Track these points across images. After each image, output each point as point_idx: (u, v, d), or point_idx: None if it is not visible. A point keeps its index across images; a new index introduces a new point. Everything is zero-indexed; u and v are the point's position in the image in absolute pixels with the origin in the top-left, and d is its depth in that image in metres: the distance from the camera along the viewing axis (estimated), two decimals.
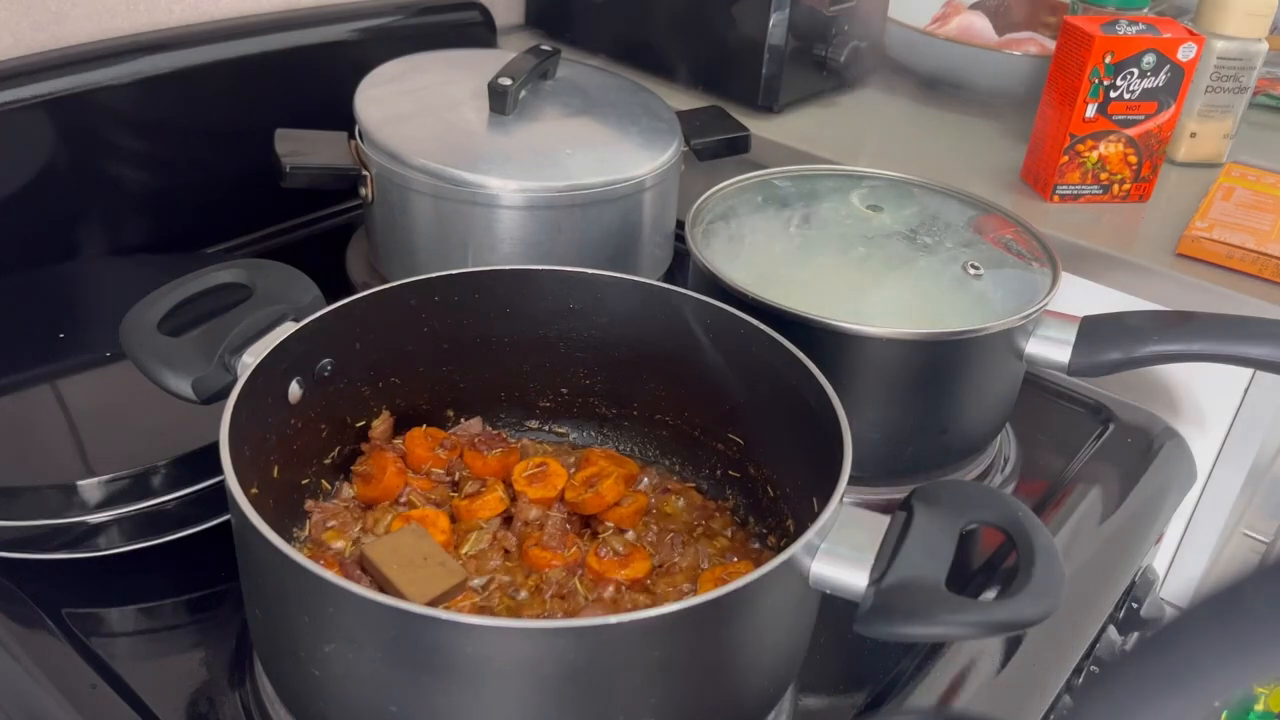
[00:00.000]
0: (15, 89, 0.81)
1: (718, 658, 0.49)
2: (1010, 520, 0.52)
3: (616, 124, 0.87)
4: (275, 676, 0.55)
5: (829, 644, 0.59)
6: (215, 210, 0.96)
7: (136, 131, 0.89)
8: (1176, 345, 0.70)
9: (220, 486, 0.49)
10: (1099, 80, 0.94)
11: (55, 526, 0.62)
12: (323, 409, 0.63)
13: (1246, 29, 1.01)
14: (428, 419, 0.69)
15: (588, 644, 0.45)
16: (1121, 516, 0.79)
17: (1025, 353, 0.73)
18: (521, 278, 0.67)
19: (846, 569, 0.50)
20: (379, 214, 0.84)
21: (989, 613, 0.48)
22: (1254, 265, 0.88)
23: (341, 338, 0.63)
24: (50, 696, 0.56)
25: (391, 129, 0.81)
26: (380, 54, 0.91)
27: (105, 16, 0.89)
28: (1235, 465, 0.93)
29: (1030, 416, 0.85)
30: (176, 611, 0.64)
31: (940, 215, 0.81)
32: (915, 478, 0.70)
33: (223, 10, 0.96)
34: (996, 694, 0.64)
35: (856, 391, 0.68)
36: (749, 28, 1.07)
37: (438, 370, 0.69)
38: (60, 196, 0.86)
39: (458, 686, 0.46)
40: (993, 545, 0.73)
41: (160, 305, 0.61)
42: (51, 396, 0.71)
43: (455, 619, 0.44)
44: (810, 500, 0.56)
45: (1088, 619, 0.73)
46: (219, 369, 0.58)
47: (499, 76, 0.85)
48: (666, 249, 0.92)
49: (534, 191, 0.79)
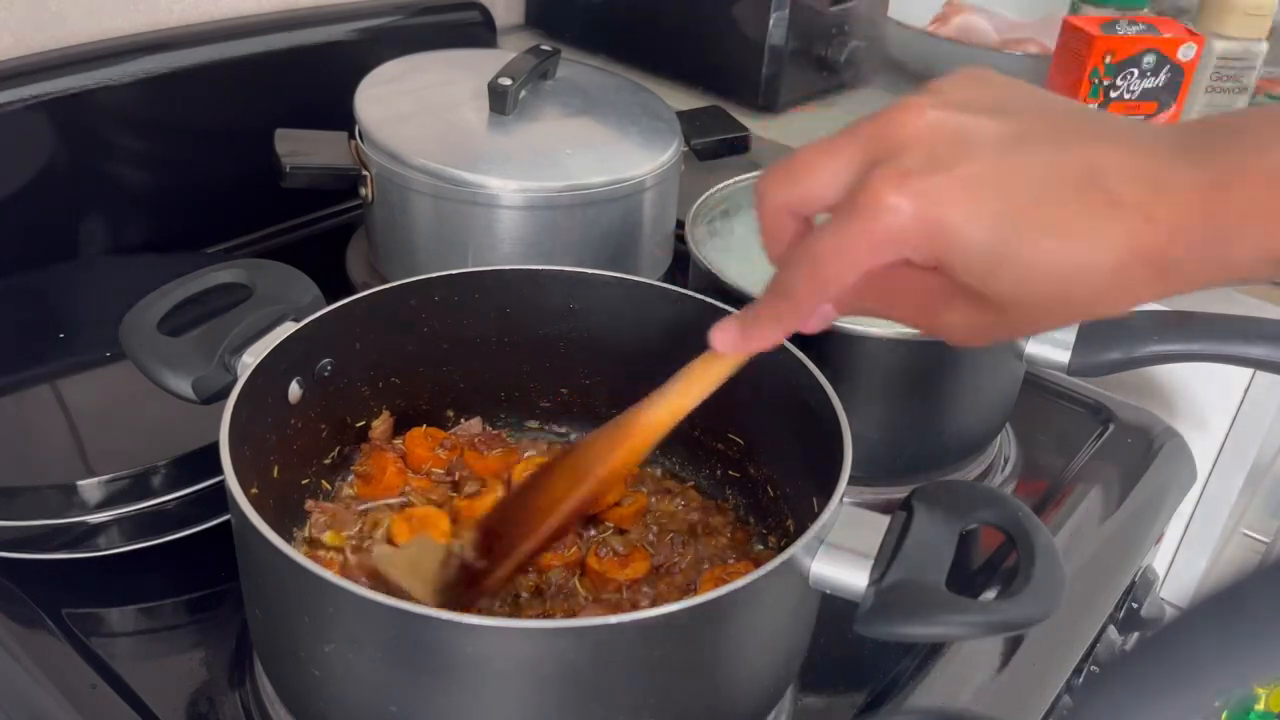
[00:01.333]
0: (15, 89, 0.81)
1: (718, 657, 0.49)
2: (1010, 520, 0.51)
3: (616, 124, 0.87)
4: (275, 676, 0.55)
5: (829, 644, 0.59)
6: (215, 210, 0.96)
7: (136, 131, 0.89)
8: (1176, 345, 0.70)
9: (220, 486, 0.49)
10: (1099, 80, 0.94)
11: (55, 526, 0.62)
12: (323, 409, 0.63)
13: (1247, 29, 1.01)
14: (428, 419, 0.69)
15: (588, 644, 0.45)
16: (1121, 516, 0.79)
17: (1025, 353, 0.73)
18: (521, 278, 0.67)
19: (846, 569, 0.50)
20: (379, 214, 0.84)
21: (989, 613, 0.48)
22: None
23: (341, 338, 0.63)
24: (50, 696, 0.56)
25: (391, 129, 0.81)
26: (380, 54, 0.91)
27: (105, 16, 0.89)
28: (1235, 465, 0.93)
29: (1030, 416, 0.85)
30: (176, 611, 0.64)
31: None
32: (915, 478, 0.70)
33: (223, 10, 0.96)
34: (996, 694, 0.64)
35: (856, 391, 0.68)
36: (749, 28, 1.07)
37: (438, 370, 0.69)
38: (60, 196, 0.86)
39: (458, 686, 0.46)
40: (993, 545, 0.73)
41: (160, 305, 0.61)
42: (51, 396, 0.71)
43: (455, 619, 0.44)
44: (810, 500, 0.56)
45: (1088, 619, 0.73)
46: (219, 369, 0.58)
47: (499, 76, 0.85)
48: (666, 249, 0.92)
49: (534, 191, 0.79)
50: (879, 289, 0.40)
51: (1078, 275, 0.36)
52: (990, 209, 0.36)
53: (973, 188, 0.36)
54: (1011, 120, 0.37)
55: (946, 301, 0.39)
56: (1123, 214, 0.35)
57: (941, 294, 0.39)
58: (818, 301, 0.40)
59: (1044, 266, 0.36)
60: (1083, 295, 0.36)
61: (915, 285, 0.40)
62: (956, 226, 0.36)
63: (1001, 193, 0.36)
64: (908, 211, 0.36)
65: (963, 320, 0.39)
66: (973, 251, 0.36)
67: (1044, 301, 0.36)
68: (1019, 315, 0.38)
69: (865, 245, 0.37)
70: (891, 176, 0.36)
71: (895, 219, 0.36)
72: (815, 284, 0.39)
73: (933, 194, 0.36)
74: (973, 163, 0.36)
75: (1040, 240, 0.35)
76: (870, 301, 0.41)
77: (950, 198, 0.36)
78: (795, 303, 0.41)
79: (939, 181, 0.36)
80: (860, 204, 0.37)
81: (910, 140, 0.37)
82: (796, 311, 0.41)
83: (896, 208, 0.36)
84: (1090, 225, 0.35)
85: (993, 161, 0.36)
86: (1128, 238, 0.35)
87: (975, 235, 0.36)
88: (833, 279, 0.39)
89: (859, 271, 0.38)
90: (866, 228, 0.37)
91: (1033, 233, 0.35)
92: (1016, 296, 0.37)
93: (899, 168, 0.37)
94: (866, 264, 0.38)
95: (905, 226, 0.36)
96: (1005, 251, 0.36)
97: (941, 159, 0.36)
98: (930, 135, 0.37)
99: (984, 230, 0.36)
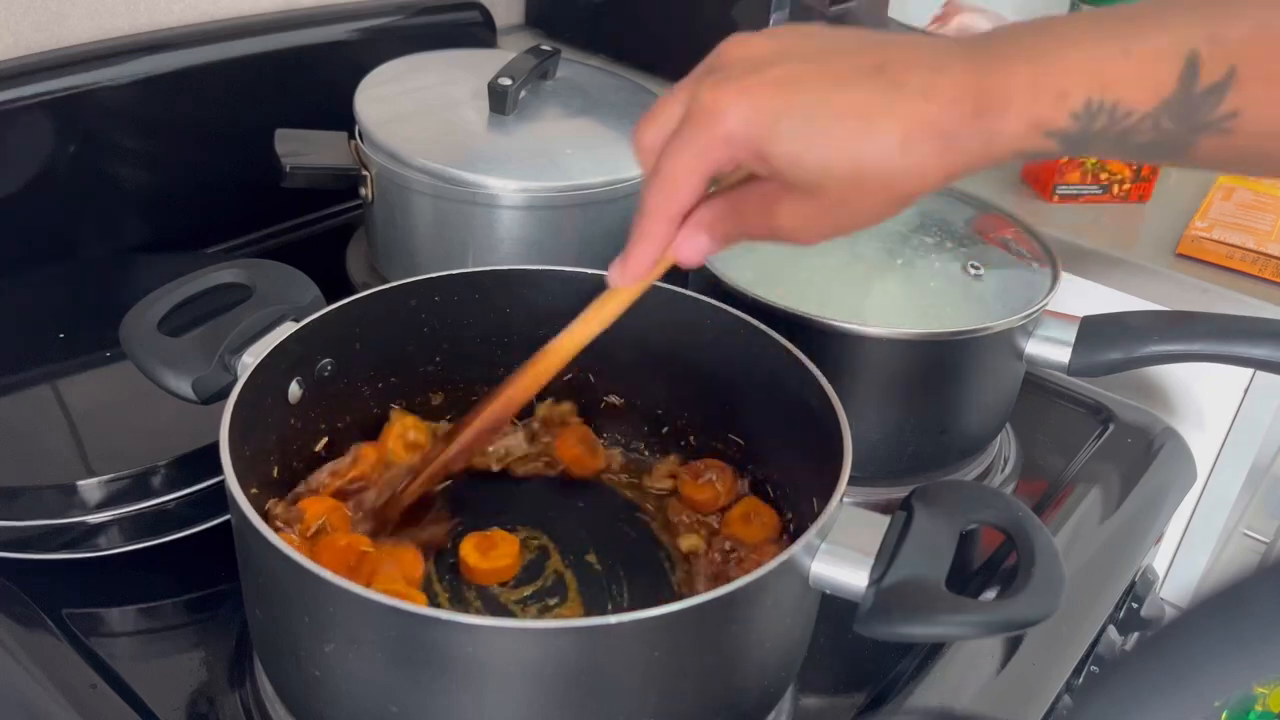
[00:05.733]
0: (15, 89, 0.81)
1: (718, 657, 0.49)
2: (1010, 520, 0.52)
3: (616, 124, 0.87)
4: (275, 676, 0.55)
5: (829, 644, 0.59)
6: (215, 210, 0.96)
7: (136, 131, 0.89)
8: (1176, 345, 0.70)
9: (220, 486, 0.49)
10: None
11: (55, 526, 0.62)
12: (323, 409, 0.63)
13: None
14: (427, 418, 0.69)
15: (588, 644, 0.45)
16: (1121, 516, 0.79)
17: (1025, 353, 0.73)
18: (521, 278, 0.67)
19: (846, 569, 0.50)
20: (379, 214, 0.84)
21: (989, 613, 0.48)
22: (1254, 265, 0.88)
23: (341, 338, 0.63)
24: (50, 696, 0.56)
25: (391, 129, 0.81)
26: (380, 54, 0.91)
27: (105, 16, 0.89)
28: (1235, 465, 0.93)
29: (1030, 416, 0.85)
30: (176, 611, 0.64)
31: (940, 215, 0.81)
32: (915, 478, 0.70)
33: (223, 10, 0.96)
34: (996, 694, 0.64)
35: (857, 391, 0.68)
36: (749, 28, 1.07)
37: (438, 370, 0.69)
38: (60, 196, 0.86)
39: (458, 686, 0.46)
40: (993, 545, 0.73)
41: (160, 305, 0.61)
42: (51, 396, 0.71)
43: (455, 619, 0.44)
44: (810, 500, 0.56)
45: (1088, 619, 0.73)
46: (219, 369, 0.58)
47: (499, 76, 0.85)
48: None
49: (534, 191, 0.79)
50: (730, 208, 0.46)
51: (871, 149, 0.40)
52: (797, 100, 0.41)
53: (782, 85, 0.41)
54: (826, 40, 0.43)
55: (779, 200, 0.44)
56: (905, 94, 0.40)
57: (774, 195, 0.44)
58: (670, 211, 0.45)
59: (841, 144, 0.41)
60: (878, 169, 0.41)
61: (754, 195, 0.45)
62: (771, 117, 0.41)
63: (806, 87, 0.41)
64: (731, 110, 0.41)
65: (792, 215, 0.44)
66: (784, 139, 0.41)
67: (849, 178, 0.41)
68: (832, 199, 0.42)
69: (698, 147, 0.43)
70: (714, 84, 0.42)
71: (720, 120, 0.42)
72: (665, 194, 0.45)
73: (750, 91, 0.41)
74: (784, 66, 0.42)
75: (837, 123, 0.41)
76: (727, 222, 0.46)
77: (764, 93, 0.41)
78: (655, 217, 0.46)
79: (753, 81, 0.41)
80: (691, 112, 0.43)
81: (733, 59, 0.43)
82: (656, 226, 0.46)
83: (718, 107, 0.42)
84: (878, 103, 0.40)
85: (800, 66, 0.42)
86: (910, 113, 0.40)
87: (786, 125, 0.41)
88: (678, 185, 0.44)
89: (697, 175, 0.44)
90: (697, 131, 0.42)
91: (830, 117, 0.41)
92: (825, 178, 0.41)
93: (721, 77, 0.42)
94: (701, 166, 0.43)
95: (729, 125, 0.42)
96: (810, 135, 0.41)
97: (757, 66, 0.42)
98: (751, 53, 0.43)
99: (794, 121, 0.41)
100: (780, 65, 0.42)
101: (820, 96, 0.41)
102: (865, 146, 0.40)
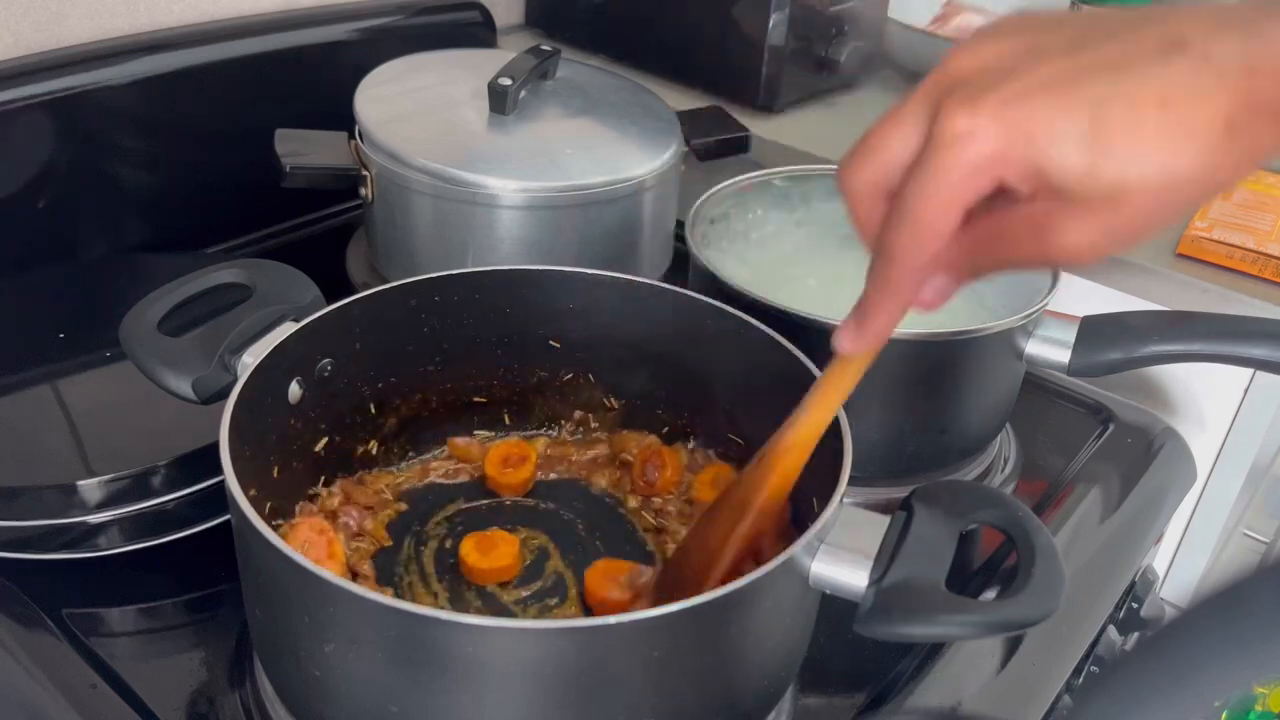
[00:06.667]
0: (15, 89, 0.81)
1: (718, 658, 0.49)
2: (1010, 520, 0.52)
3: (616, 124, 0.87)
4: (275, 676, 0.55)
5: (829, 644, 0.59)
6: (215, 210, 0.96)
7: (136, 131, 0.89)
8: (1176, 345, 0.70)
9: (220, 486, 0.49)
10: None
11: (55, 526, 0.62)
12: (323, 409, 0.63)
13: None
14: (428, 419, 0.69)
15: (587, 644, 0.45)
16: (1121, 516, 0.79)
17: (1025, 353, 0.73)
18: (521, 278, 0.67)
19: (846, 569, 0.50)
20: (379, 214, 0.84)
21: (989, 613, 0.48)
22: (1254, 265, 0.88)
23: (341, 338, 0.63)
24: (50, 696, 0.56)
25: (391, 129, 0.81)
26: (380, 54, 0.91)
27: (105, 16, 0.89)
28: (1235, 465, 0.93)
29: (1030, 416, 0.85)
30: (176, 611, 0.64)
31: None
32: (915, 478, 0.70)
33: (223, 10, 0.96)
34: (996, 694, 0.64)
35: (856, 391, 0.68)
36: (749, 28, 1.07)
37: (438, 370, 0.69)
38: (60, 196, 0.86)
39: (458, 686, 0.46)
40: (993, 545, 0.73)
41: (160, 305, 0.61)
42: (51, 396, 0.71)
43: (455, 619, 0.44)
44: (810, 500, 0.56)
45: (1088, 619, 0.73)
46: (219, 369, 0.58)
47: (499, 76, 0.85)
48: (666, 249, 0.92)
49: (534, 191, 0.79)
50: (986, 238, 0.38)
51: (1190, 141, 0.33)
52: (1077, 99, 0.34)
53: (1055, 86, 0.34)
54: (1068, 28, 0.36)
55: (1058, 221, 0.36)
56: (1220, 69, 0.33)
57: (1050, 216, 0.36)
58: (922, 258, 0.38)
59: (1151, 140, 0.33)
60: (1199, 163, 0.33)
61: (1020, 219, 0.37)
62: (1047, 126, 0.34)
63: (1085, 82, 0.34)
64: (990, 129, 0.34)
65: (1080, 234, 0.36)
66: (1071, 147, 0.34)
67: (1160, 180, 0.34)
68: (1135, 206, 0.34)
69: (955, 177, 0.35)
70: (962, 101, 0.35)
71: (979, 141, 0.35)
72: (915, 237, 0.37)
73: (1013, 102, 0.34)
74: (1045, 66, 0.34)
75: (1139, 115, 0.33)
76: (980, 254, 0.39)
77: (1032, 102, 0.34)
78: (901, 265, 0.38)
79: (1016, 89, 0.34)
80: (938, 139, 0.35)
81: (971, 70, 0.36)
82: (905, 276, 0.39)
83: (976, 129, 0.35)
84: (1189, 85, 0.33)
85: (1065, 60, 0.34)
86: (1232, 92, 0.33)
87: (1070, 129, 0.34)
88: (931, 226, 0.37)
89: (955, 211, 0.36)
90: (951, 160, 0.35)
91: (1129, 110, 0.33)
92: (1128, 182, 0.34)
93: (971, 91, 0.35)
94: (961, 200, 0.36)
95: (994, 146, 0.35)
96: (1106, 135, 0.33)
97: (1012, 71, 0.35)
98: (992, 58, 0.36)
99: (1078, 122, 0.34)
100: (1041, 64, 0.35)
101: (1109, 92, 0.34)
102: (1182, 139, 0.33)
